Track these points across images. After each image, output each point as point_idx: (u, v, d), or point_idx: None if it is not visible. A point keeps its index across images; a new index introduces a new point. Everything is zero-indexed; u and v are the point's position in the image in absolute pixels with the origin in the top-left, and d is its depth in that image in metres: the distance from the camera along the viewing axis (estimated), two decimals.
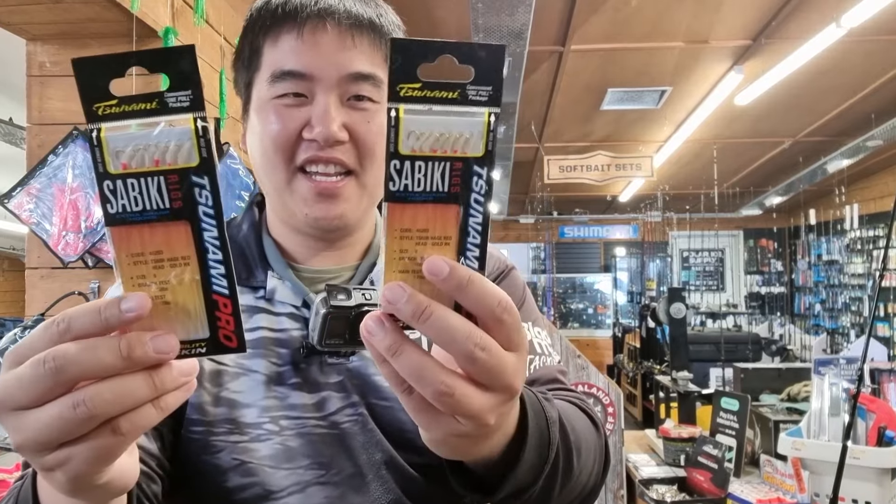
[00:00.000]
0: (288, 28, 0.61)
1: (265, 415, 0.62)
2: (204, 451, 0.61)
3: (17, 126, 3.33)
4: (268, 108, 0.62)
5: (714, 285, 9.88)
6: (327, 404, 0.64)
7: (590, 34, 3.83)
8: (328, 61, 0.61)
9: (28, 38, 1.84)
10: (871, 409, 1.68)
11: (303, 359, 0.64)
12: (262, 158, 0.64)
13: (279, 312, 0.66)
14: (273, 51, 0.62)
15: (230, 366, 0.63)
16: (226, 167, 2.07)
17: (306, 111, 0.61)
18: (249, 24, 0.65)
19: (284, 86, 0.61)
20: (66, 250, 1.74)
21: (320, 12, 0.61)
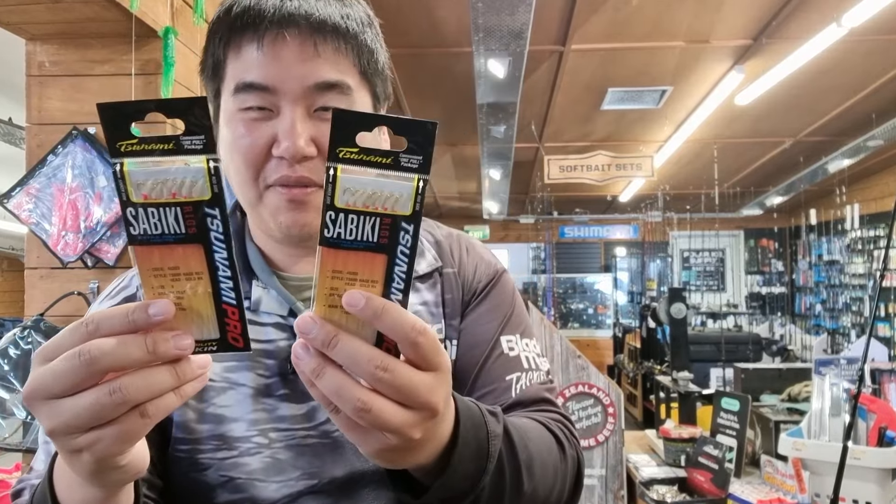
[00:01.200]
0: (248, 38, 0.59)
1: (253, 428, 0.61)
2: (191, 468, 0.61)
3: (17, 126, 3.33)
4: (235, 121, 0.61)
5: (714, 285, 9.88)
6: (317, 414, 0.63)
7: (590, 34, 3.82)
8: (291, 73, 0.58)
9: (27, 38, 1.84)
10: (871, 410, 1.68)
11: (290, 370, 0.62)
12: (233, 173, 0.63)
13: (265, 323, 0.65)
14: (235, 62, 0.60)
15: (216, 380, 0.62)
16: None
17: (273, 125, 0.59)
18: (211, 34, 0.62)
19: (248, 98, 0.59)
20: (65, 250, 1.74)
21: (280, 21, 0.58)
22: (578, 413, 2.25)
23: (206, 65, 0.64)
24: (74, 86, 1.83)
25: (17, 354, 1.75)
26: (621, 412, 2.27)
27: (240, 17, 0.59)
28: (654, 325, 5.14)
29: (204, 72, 0.65)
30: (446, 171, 7.62)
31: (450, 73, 4.32)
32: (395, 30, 3.74)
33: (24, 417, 1.74)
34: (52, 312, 1.78)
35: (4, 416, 1.74)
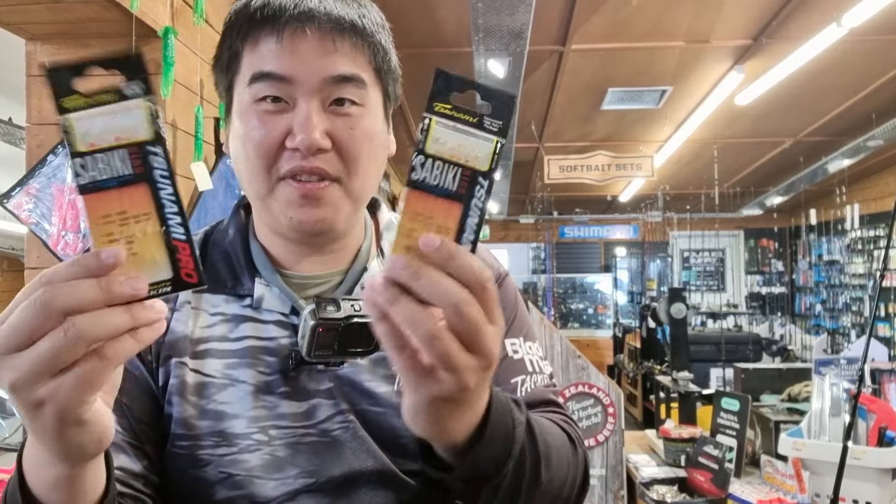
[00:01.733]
0: (267, 32, 0.60)
1: (253, 425, 0.61)
2: (190, 465, 0.61)
3: (17, 126, 3.33)
4: (249, 113, 0.61)
5: (714, 285, 9.88)
6: (317, 412, 0.63)
7: (590, 34, 3.82)
8: (308, 66, 0.59)
9: (27, 38, 1.84)
10: (871, 410, 1.68)
11: (292, 367, 0.63)
12: (244, 164, 0.62)
13: (266, 320, 0.65)
14: (252, 55, 0.61)
15: (216, 377, 0.62)
16: (225, 167, 2.07)
17: (288, 118, 0.60)
18: (228, 28, 0.63)
19: (263, 87, 0.60)
20: (65, 250, 1.73)
21: (300, 16, 0.59)
22: (578, 413, 2.25)
23: (220, 58, 0.64)
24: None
25: None
26: (621, 412, 2.27)
27: (259, 10, 0.60)
28: (654, 325, 5.14)
29: (218, 65, 0.65)
30: None
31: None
32: (395, 30, 3.71)
33: None
34: None
35: (4, 416, 1.74)
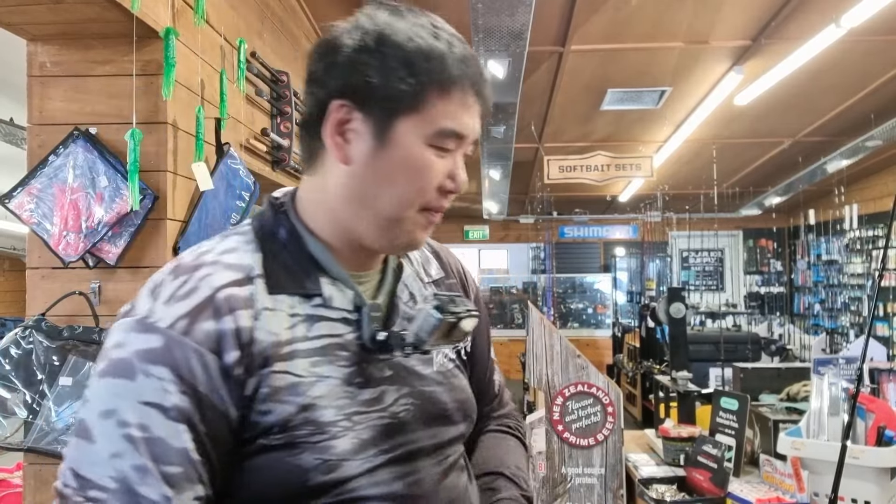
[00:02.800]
0: (463, 93, 0.68)
1: (340, 413, 0.67)
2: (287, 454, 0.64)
3: (18, 126, 3.33)
4: (426, 152, 0.68)
5: (713, 285, 9.89)
6: (385, 397, 0.71)
7: (590, 34, 3.83)
8: (475, 128, 0.71)
9: (28, 39, 1.84)
10: (870, 409, 1.69)
11: (363, 359, 0.70)
12: (393, 189, 0.69)
13: (335, 318, 0.70)
14: (445, 106, 0.67)
15: (305, 376, 0.66)
16: (226, 167, 2.08)
17: (447, 163, 0.70)
18: (414, 63, 0.66)
19: (446, 141, 0.69)
20: (66, 250, 1.74)
21: (484, 85, 0.70)
22: (578, 412, 2.26)
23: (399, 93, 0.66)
24: (76, 86, 1.83)
25: (19, 354, 1.76)
26: (620, 411, 2.28)
27: (458, 67, 0.67)
28: (653, 325, 5.14)
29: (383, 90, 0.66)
30: None
31: None
32: None
33: (24, 417, 1.74)
34: (54, 312, 1.79)
35: (6, 416, 1.74)
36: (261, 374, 0.64)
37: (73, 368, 1.76)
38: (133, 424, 0.59)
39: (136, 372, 0.60)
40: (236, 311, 0.64)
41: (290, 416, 0.64)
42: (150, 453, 0.58)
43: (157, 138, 1.81)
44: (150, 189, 1.78)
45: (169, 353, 0.60)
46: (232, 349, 0.62)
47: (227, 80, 2.17)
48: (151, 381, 0.59)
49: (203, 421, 0.61)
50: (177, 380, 0.60)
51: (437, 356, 0.78)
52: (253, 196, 2.19)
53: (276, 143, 2.75)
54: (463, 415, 0.78)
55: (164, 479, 0.58)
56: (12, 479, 2.66)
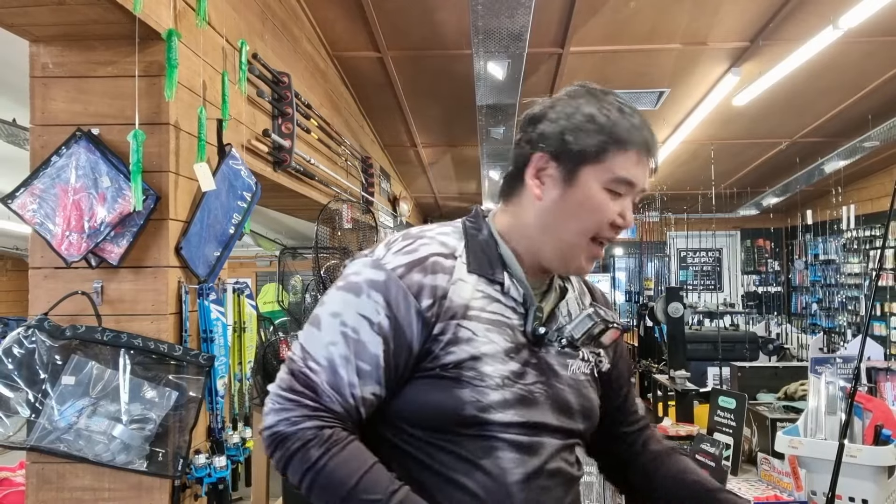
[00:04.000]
0: (637, 152, 0.89)
1: (496, 372, 0.85)
2: (454, 385, 0.84)
3: (21, 127, 3.33)
4: (602, 194, 0.88)
5: (711, 285, 9.90)
6: (526, 377, 0.89)
7: (589, 36, 3.84)
8: (644, 182, 0.91)
9: (31, 40, 1.85)
10: (867, 408, 1.70)
11: (518, 340, 0.89)
12: (573, 224, 0.89)
13: (507, 304, 0.90)
14: (624, 161, 0.88)
15: (479, 335, 0.86)
16: (228, 168, 2.09)
17: (618, 204, 0.89)
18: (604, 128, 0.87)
19: (620, 187, 0.89)
20: (69, 250, 1.74)
21: (653, 149, 0.91)
22: None
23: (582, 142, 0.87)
24: (78, 87, 1.84)
25: (21, 353, 1.76)
26: None
27: (637, 134, 0.88)
28: (651, 325, 5.16)
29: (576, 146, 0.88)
30: (446, 172, 7.62)
31: (450, 75, 4.34)
32: (395, 32, 3.75)
33: (27, 416, 1.75)
34: (56, 312, 1.80)
35: (8, 415, 1.75)
36: (448, 323, 0.85)
37: (76, 368, 1.77)
38: (349, 326, 0.84)
39: (362, 292, 0.85)
40: (438, 273, 0.87)
41: (463, 359, 0.84)
42: (355, 350, 0.83)
43: (160, 139, 1.82)
44: (152, 189, 1.79)
45: (386, 287, 0.84)
46: (427, 298, 0.85)
47: (228, 81, 2.18)
48: (371, 301, 0.84)
49: (394, 340, 0.83)
50: (386, 306, 0.84)
51: (573, 364, 0.95)
52: (254, 196, 2.20)
53: (278, 144, 2.75)
54: (583, 416, 0.95)
55: (357, 370, 0.83)
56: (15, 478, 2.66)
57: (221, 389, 1.97)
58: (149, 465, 1.76)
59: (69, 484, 1.79)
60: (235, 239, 2.10)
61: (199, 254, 1.93)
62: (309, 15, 3.49)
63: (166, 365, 1.80)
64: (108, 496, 1.78)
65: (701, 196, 7.34)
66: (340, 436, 0.81)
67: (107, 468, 1.75)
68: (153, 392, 1.79)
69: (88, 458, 1.73)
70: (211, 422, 1.97)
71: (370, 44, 3.89)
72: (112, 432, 1.74)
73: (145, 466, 1.76)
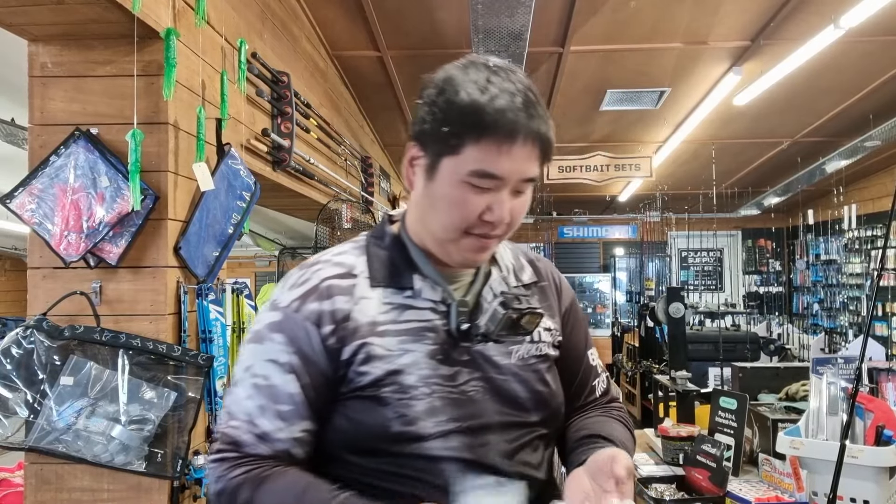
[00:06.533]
0: (498, 139, 0.76)
1: (421, 381, 0.81)
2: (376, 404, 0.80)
3: (19, 126, 3.33)
4: (459, 189, 0.79)
5: (712, 285, 9.89)
6: (459, 377, 0.84)
7: (589, 35, 3.84)
8: (517, 170, 0.79)
9: (30, 39, 1.85)
10: (868, 409, 1.69)
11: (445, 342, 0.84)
12: (438, 216, 0.82)
13: (423, 307, 0.85)
14: (480, 151, 0.77)
15: (393, 350, 0.82)
16: (227, 167, 2.08)
17: (488, 198, 0.80)
18: (460, 113, 0.77)
19: (481, 181, 0.78)
20: (67, 250, 1.74)
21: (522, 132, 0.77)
22: None
23: (442, 136, 0.78)
24: (77, 87, 1.83)
25: (20, 354, 1.76)
26: None
27: (496, 118, 0.76)
28: (652, 325, 5.15)
29: (437, 139, 0.79)
30: None
31: None
32: (395, 31, 3.75)
33: (26, 416, 1.75)
34: (55, 312, 1.79)
35: (7, 415, 1.75)
36: (355, 345, 0.82)
37: (74, 368, 1.76)
38: (260, 375, 0.82)
39: (264, 338, 0.83)
40: (335, 296, 0.83)
41: (379, 377, 0.81)
42: (269, 396, 0.81)
43: (158, 139, 1.82)
44: (151, 189, 1.78)
45: (285, 325, 0.83)
46: (328, 324, 0.82)
47: (227, 80, 2.17)
48: (274, 344, 0.82)
49: (307, 373, 0.81)
50: (289, 343, 0.82)
51: (519, 350, 0.89)
52: (254, 196, 2.19)
53: (277, 144, 2.75)
54: (538, 405, 0.88)
55: (277, 415, 0.81)
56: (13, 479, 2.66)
57: (220, 390, 1.97)
58: (147, 466, 1.76)
59: (68, 485, 1.78)
60: (234, 239, 2.10)
61: (198, 254, 1.92)
62: (308, 14, 3.49)
63: (165, 365, 1.80)
64: (106, 497, 1.78)
65: (702, 196, 7.32)
66: (272, 471, 0.79)
67: (105, 469, 1.75)
68: (152, 392, 1.78)
69: (87, 458, 1.73)
70: (210, 422, 1.96)
71: (370, 43, 3.89)
72: (111, 433, 1.74)
73: (144, 467, 1.76)
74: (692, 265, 9.87)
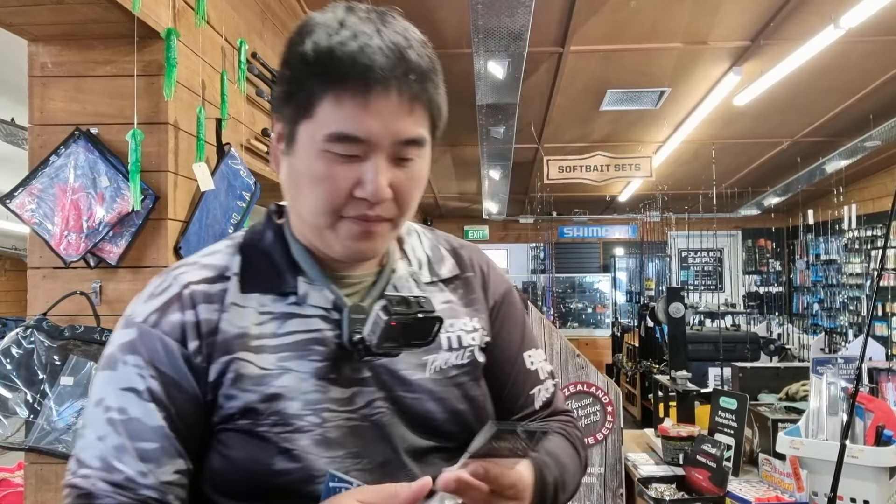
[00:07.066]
0: (353, 91, 0.61)
1: (308, 408, 0.66)
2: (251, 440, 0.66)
3: (19, 126, 3.33)
4: (320, 159, 0.64)
5: (713, 285, 9.89)
6: (357, 399, 0.69)
7: (589, 35, 3.84)
8: (387, 129, 0.63)
9: (30, 39, 1.85)
10: (869, 409, 1.69)
11: (338, 356, 0.69)
12: (306, 199, 0.67)
13: (310, 315, 0.70)
14: (334, 108, 0.62)
15: (271, 369, 0.67)
16: (227, 167, 2.08)
17: (357, 169, 0.63)
18: (307, 65, 0.62)
19: (342, 146, 0.63)
20: (67, 250, 1.74)
21: (386, 78, 0.61)
22: (577, 412, 2.26)
23: (291, 95, 0.64)
24: (77, 87, 1.83)
25: (20, 354, 1.76)
26: (619, 411, 2.28)
27: (347, 63, 0.60)
28: (652, 325, 5.15)
29: (289, 99, 0.65)
30: (446, 172, 7.62)
31: (449, 74, 4.26)
32: None
33: (26, 416, 1.75)
34: (55, 312, 1.79)
35: (7, 415, 1.75)
36: (223, 362, 0.67)
37: (74, 368, 1.76)
38: (114, 408, 0.65)
39: (117, 362, 0.67)
40: (200, 304, 0.68)
41: (253, 404, 0.66)
42: (128, 433, 0.65)
43: (158, 138, 1.82)
44: (151, 189, 1.78)
45: (141, 343, 0.67)
46: (193, 339, 0.67)
47: (227, 80, 2.17)
48: (129, 368, 0.66)
49: (172, 401, 0.66)
50: (147, 366, 0.66)
51: (436, 360, 0.72)
52: (254, 196, 2.19)
53: None
54: (458, 426, 0.72)
55: (140, 454, 0.64)
56: (13, 479, 2.66)
57: None
58: None
59: None
60: None
61: None
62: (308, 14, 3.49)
63: None
64: None
65: (702, 196, 7.32)
66: None
67: None
68: None
69: None
70: None
71: None
72: None
73: None
74: (692, 265, 9.87)
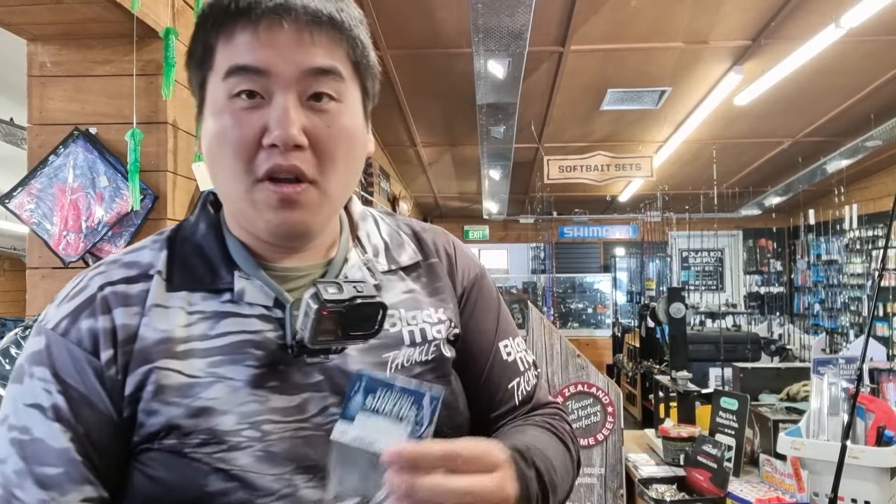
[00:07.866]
0: (242, 24, 0.58)
1: (245, 421, 0.58)
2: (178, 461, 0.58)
3: (18, 126, 3.33)
4: (224, 111, 0.59)
5: (713, 285, 9.89)
6: (309, 406, 0.61)
7: (589, 34, 3.83)
8: (285, 58, 0.57)
9: (29, 39, 1.84)
10: (870, 409, 1.69)
11: (281, 360, 0.61)
12: (220, 165, 0.60)
13: (249, 314, 0.62)
14: (227, 48, 0.58)
15: (201, 377, 0.59)
16: None
17: (264, 114, 0.58)
18: (201, 21, 0.60)
19: (238, 82, 0.58)
20: (66, 250, 1.74)
21: (276, 8, 0.57)
22: (578, 412, 2.26)
23: (193, 53, 0.62)
24: (76, 86, 1.83)
25: (19, 354, 1.76)
26: (620, 411, 2.28)
27: (234, 2, 0.58)
28: (652, 325, 5.15)
29: (191, 60, 0.63)
30: (446, 172, 7.62)
31: (450, 73, 4.33)
32: (395, 31, 3.74)
33: None
34: None
35: None
36: (141, 372, 0.59)
37: None
38: (18, 427, 0.58)
39: (24, 375, 0.59)
40: (117, 308, 0.61)
41: (179, 420, 0.58)
42: (31, 455, 0.57)
43: (157, 138, 1.81)
44: (150, 189, 1.78)
45: (49, 354, 0.59)
46: (107, 348, 0.59)
47: None
48: (35, 382, 0.59)
49: (81, 420, 0.58)
50: (54, 379, 0.58)
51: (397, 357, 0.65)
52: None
53: None
54: None
55: (39, 481, 0.56)
56: None
57: None
58: None
59: None
60: None
61: None
62: None
63: None
64: None
65: (703, 196, 7.31)
66: None
67: None
68: None
69: None
70: None
71: None
72: None
73: None
74: (693, 265, 9.87)
